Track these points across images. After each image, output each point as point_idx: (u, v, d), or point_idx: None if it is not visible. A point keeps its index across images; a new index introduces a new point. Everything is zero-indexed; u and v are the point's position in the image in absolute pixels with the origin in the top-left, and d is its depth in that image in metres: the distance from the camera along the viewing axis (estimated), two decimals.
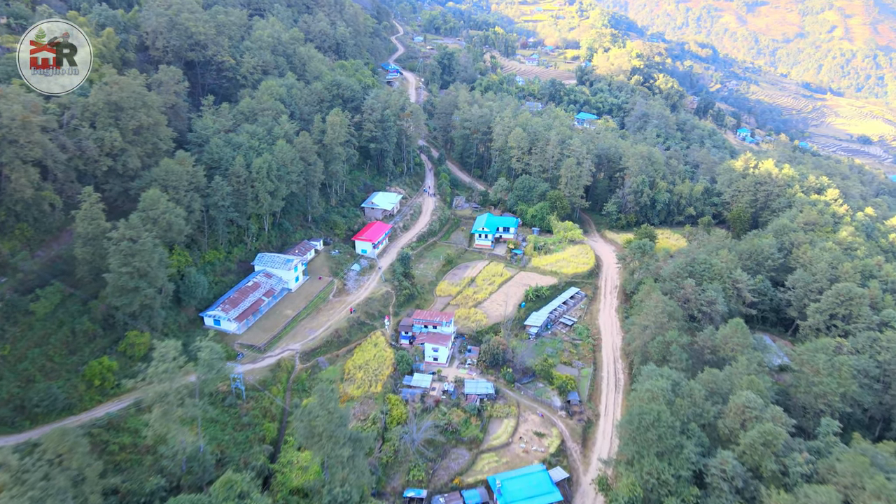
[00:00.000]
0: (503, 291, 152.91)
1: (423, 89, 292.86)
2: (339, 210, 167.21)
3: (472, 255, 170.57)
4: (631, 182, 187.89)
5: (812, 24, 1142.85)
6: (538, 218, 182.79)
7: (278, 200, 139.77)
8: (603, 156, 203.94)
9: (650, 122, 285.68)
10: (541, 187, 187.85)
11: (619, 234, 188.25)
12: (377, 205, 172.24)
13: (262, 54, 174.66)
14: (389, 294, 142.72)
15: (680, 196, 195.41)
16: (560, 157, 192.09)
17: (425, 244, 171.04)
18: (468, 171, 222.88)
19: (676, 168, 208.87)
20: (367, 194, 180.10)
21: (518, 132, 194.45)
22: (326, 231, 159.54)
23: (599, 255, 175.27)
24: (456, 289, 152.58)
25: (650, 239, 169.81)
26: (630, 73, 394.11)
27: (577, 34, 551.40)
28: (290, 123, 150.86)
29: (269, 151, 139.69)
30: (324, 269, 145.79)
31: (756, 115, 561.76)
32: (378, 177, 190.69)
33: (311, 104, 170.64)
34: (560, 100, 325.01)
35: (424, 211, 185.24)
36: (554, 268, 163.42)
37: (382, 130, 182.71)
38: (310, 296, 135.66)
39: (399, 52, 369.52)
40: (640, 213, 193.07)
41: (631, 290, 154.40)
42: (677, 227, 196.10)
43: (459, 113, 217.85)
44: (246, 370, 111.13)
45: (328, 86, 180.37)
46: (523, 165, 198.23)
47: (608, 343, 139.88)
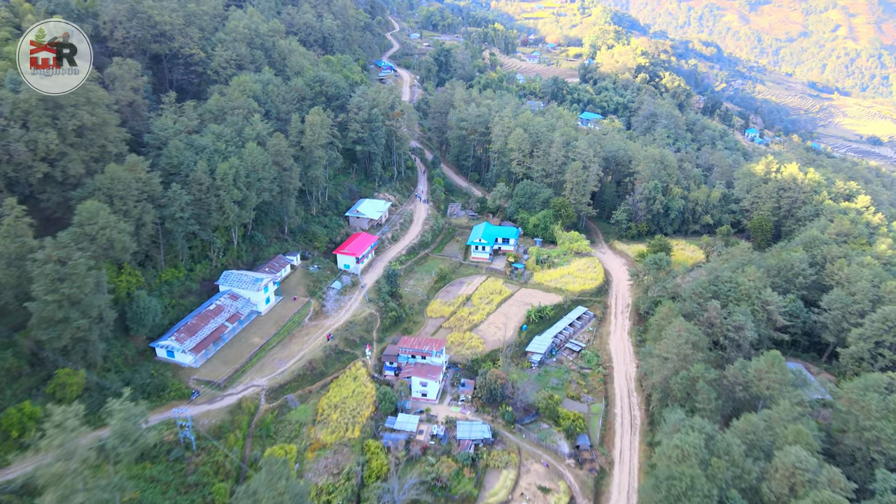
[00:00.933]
0: (502, 312, 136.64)
1: (418, 87, 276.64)
2: (319, 220, 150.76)
3: (467, 270, 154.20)
4: (642, 188, 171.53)
5: (816, 22, 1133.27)
6: (541, 227, 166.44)
7: (248, 211, 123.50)
8: (611, 159, 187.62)
9: (659, 122, 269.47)
10: (543, 194, 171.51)
11: (629, 244, 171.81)
12: (363, 214, 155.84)
13: (236, 47, 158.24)
14: (373, 316, 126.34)
15: (695, 203, 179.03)
16: (564, 161, 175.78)
17: (416, 257, 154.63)
18: (465, 175, 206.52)
19: (690, 172, 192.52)
20: (353, 202, 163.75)
21: (519, 133, 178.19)
22: (305, 244, 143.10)
23: (608, 269, 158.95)
24: (449, 309, 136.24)
25: (665, 251, 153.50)
26: (635, 72, 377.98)
27: (579, 31, 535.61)
28: (263, 124, 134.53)
29: (237, 155, 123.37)
30: (299, 288, 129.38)
31: (763, 115, 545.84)
32: (365, 182, 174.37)
33: (290, 102, 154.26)
34: (563, 99, 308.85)
35: (416, 220, 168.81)
36: (559, 284, 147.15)
37: (370, 131, 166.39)
38: (282, 320, 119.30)
39: (394, 48, 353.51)
40: (651, 221, 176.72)
41: (645, 309, 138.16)
42: (693, 236, 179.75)
43: (455, 112, 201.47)
44: (199, 413, 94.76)
45: (310, 82, 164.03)
46: (524, 169, 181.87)
47: (621, 372, 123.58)
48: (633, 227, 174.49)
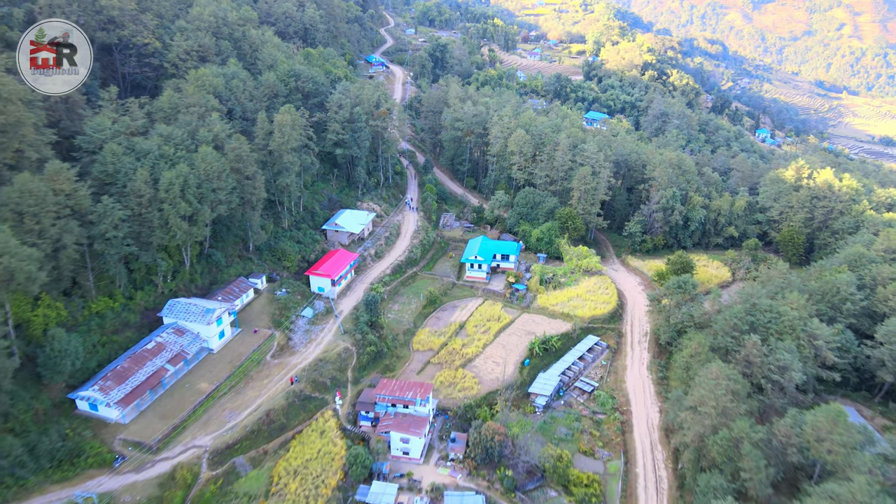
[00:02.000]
0: (501, 343, 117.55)
1: (411, 84, 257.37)
2: (292, 234, 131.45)
3: (461, 292, 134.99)
4: (658, 196, 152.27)
5: (820, 21, 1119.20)
6: (545, 242, 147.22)
7: (200, 227, 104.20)
8: (622, 163, 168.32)
9: (670, 123, 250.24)
10: (548, 203, 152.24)
11: (644, 260, 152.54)
12: (342, 227, 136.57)
13: (199, 37, 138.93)
14: (349, 352, 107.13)
15: (718, 213, 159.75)
16: (571, 166, 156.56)
17: (402, 277, 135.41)
18: (460, 181, 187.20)
19: (711, 178, 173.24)
20: (333, 212, 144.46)
21: (520, 135, 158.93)
22: (273, 263, 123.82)
23: (622, 289, 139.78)
24: (439, 340, 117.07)
25: (687, 270, 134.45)
26: (642, 69, 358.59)
27: (581, 28, 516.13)
28: (223, 124, 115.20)
29: (187, 161, 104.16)
30: (263, 318, 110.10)
31: (772, 114, 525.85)
32: (347, 190, 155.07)
33: (260, 100, 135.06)
34: (566, 97, 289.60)
35: (403, 233, 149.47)
36: (566, 308, 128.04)
37: (351, 133, 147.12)
38: (238, 358, 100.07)
39: (387, 44, 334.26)
40: (669, 234, 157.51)
41: (667, 339, 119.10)
42: (715, 250, 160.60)
43: (449, 111, 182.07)
44: (121, 487, 75.64)
45: (284, 77, 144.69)
46: (526, 175, 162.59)
47: (641, 418, 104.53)
48: (649, 241, 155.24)
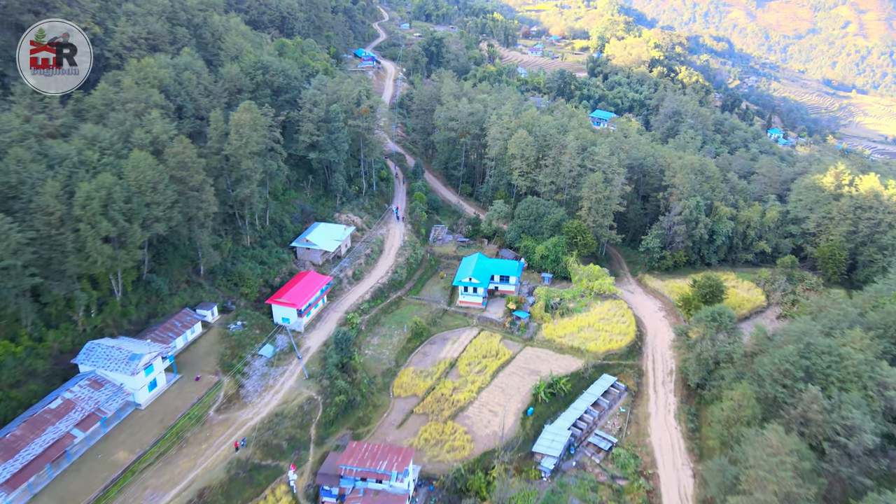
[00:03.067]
0: (499, 385, 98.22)
1: (403, 81, 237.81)
2: (255, 254, 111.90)
3: (453, 321, 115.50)
4: (681, 207, 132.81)
5: (825, 19, 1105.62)
6: (550, 259, 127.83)
7: (130, 251, 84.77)
8: (636, 168, 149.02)
9: (683, 122, 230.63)
10: (554, 215, 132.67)
11: (664, 280, 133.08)
12: (314, 244, 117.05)
13: (148, 22, 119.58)
14: (313, 403, 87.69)
15: (747, 225, 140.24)
16: (580, 172, 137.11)
17: (384, 303, 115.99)
18: (454, 188, 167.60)
19: (737, 185, 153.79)
20: (307, 225, 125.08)
21: (521, 136, 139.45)
22: (228, 289, 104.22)
23: (640, 316, 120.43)
24: (425, 383, 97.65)
25: (717, 294, 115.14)
26: (649, 65, 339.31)
27: (584, 24, 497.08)
28: (165, 123, 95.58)
29: (113, 170, 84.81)
30: (210, 359, 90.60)
31: (782, 114, 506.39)
32: (324, 199, 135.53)
33: (218, 95, 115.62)
34: (570, 94, 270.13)
35: (387, 249, 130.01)
36: (576, 341, 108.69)
37: (328, 134, 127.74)
38: (172, 415, 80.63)
39: (380, 38, 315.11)
40: (691, 249, 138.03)
41: (698, 380, 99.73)
42: (744, 267, 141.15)
43: (443, 109, 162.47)
44: None
45: (249, 69, 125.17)
46: (528, 182, 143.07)
47: (671, 484, 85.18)
48: (669, 257, 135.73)
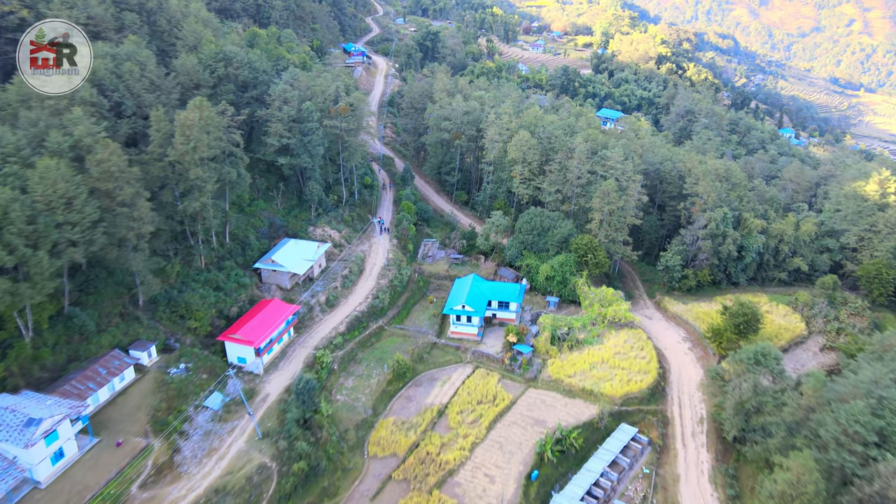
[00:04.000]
0: (497, 439, 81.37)
1: (395, 77, 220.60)
2: (208, 278, 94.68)
3: (443, 356, 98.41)
4: (706, 219, 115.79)
5: (829, 17, 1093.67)
6: (556, 281, 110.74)
7: (38, 282, 67.74)
8: (652, 174, 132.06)
9: (697, 122, 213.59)
10: (560, 229, 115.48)
11: (686, 303, 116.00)
12: (281, 265, 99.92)
13: (88, 5, 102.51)
14: (266, 472, 70.57)
15: (780, 239, 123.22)
16: (590, 180, 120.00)
17: (362, 334, 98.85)
18: (447, 195, 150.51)
19: (765, 192, 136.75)
20: (275, 242, 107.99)
21: (523, 138, 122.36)
22: (172, 323, 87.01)
23: (661, 347, 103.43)
24: (407, 438, 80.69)
25: (753, 324, 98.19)
26: (657, 62, 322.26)
27: (587, 19, 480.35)
28: (90, 123, 78.38)
29: (14, 182, 67.83)
30: (139, 416, 73.51)
31: (791, 113, 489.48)
32: (297, 211, 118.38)
33: (168, 91, 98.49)
34: (575, 92, 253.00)
35: (368, 268, 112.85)
36: (588, 381, 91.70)
37: (300, 135, 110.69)
38: (80, 496, 63.47)
39: (373, 33, 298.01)
40: (717, 267, 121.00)
41: (736, 433, 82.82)
42: (776, 287, 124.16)
43: (435, 107, 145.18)
44: None
45: (209, 61, 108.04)
46: (531, 191, 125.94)
47: None
48: (691, 276, 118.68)
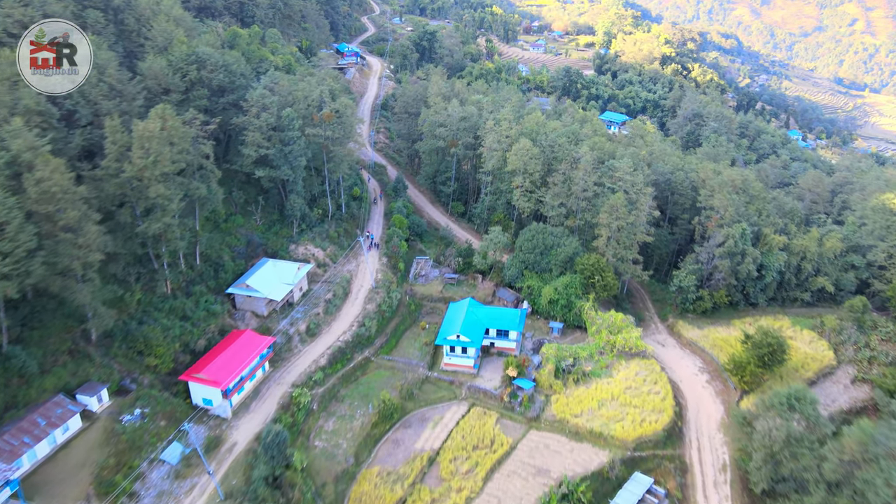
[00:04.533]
0: (494, 493, 71.76)
1: (390, 79, 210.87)
2: (174, 306, 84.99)
3: (435, 391, 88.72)
4: (723, 235, 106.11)
5: (831, 17, 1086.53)
6: (561, 304, 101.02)
7: None
8: (663, 185, 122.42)
9: (706, 125, 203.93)
10: (565, 247, 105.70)
11: (702, 328, 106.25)
12: (256, 290, 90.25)
13: (45, 2, 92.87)
14: None
15: (802, 256, 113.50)
16: (597, 193, 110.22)
17: (346, 367, 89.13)
18: (443, 206, 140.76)
19: (784, 204, 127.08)
20: (252, 262, 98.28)
21: (524, 147, 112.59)
22: (128, 361, 77.20)
23: (676, 380, 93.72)
24: (393, 493, 71.03)
25: (779, 354, 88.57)
26: (661, 62, 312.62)
27: (588, 19, 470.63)
28: (32, 136, 68.67)
29: None
30: (82, 475, 63.69)
31: (796, 114, 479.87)
32: (278, 227, 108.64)
33: (131, 98, 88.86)
34: (577, 94, 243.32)
35: (355, 291, 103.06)
36: (596, 422, 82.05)
37: (280, 145, 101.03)
38: None
39: (368, 32, 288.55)
40: (735, 287, 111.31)
41: (766, 485, 73.20)
42: (798, 308, 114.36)
43: (429, 112, 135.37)
44: None
45: (181, 63, 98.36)
46: (533, 204, 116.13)
47: None
48: (707, 297, 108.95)
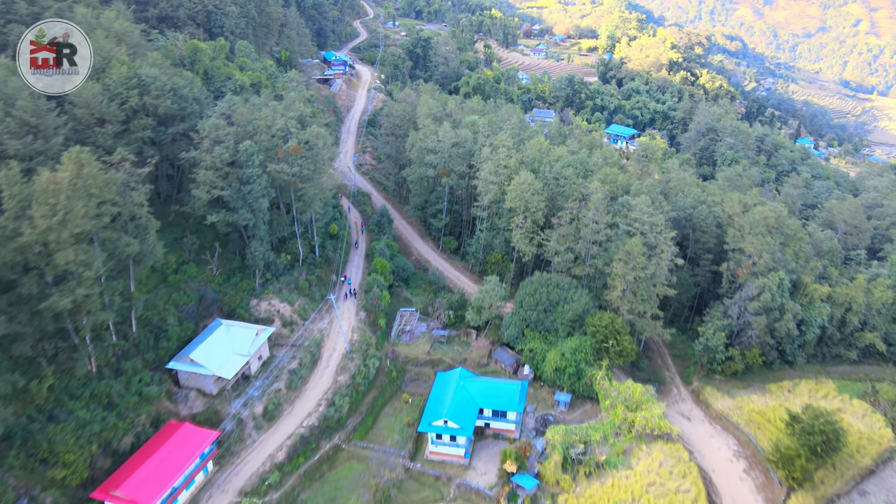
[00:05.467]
0: None
1: (380, 90, 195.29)
2: (96, 391, 69.51)
3: (418, 490, 72.98)
4: (757, 287, 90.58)
5: (834, 17, 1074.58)
6: (568, 373, 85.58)
7: None
8: (683, 222, 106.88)
9: (721, 141, 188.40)
10: (574, 303, 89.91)
11: (733, 394, 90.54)
12: (202, 365, 74.68)
13: None
14: None
15: (847, 308, 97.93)
16: (610, 236, 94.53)
17: (310, 461, 73.41)
18: (434, 240, 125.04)
19: (821, 243, 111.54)
20: (206, 323, 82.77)
21: (525, 181, 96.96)
22: (28, 473, 61.51)
23: (707, 467, 78.12)
24: None
25: (832, 443, 73.18)
26: (669, 68, 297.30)
27: (591, 21, 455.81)
28: None
29: None
30: None
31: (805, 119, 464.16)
32: (238, 278, 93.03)
33: (50, 136, 73.48)
34: (581, 105, 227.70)
35: (326, 356, 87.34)
36: None
37: (238, 184, 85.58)
38: None
39: (360, 38, 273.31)
40: (770, 345, 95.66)
41: None
42: (846, 368, 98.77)
43: (417, 136, 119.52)
44: None
45: (118, 88, 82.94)
46: (535, 248, 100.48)
47: None
48: (738, 359, 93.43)
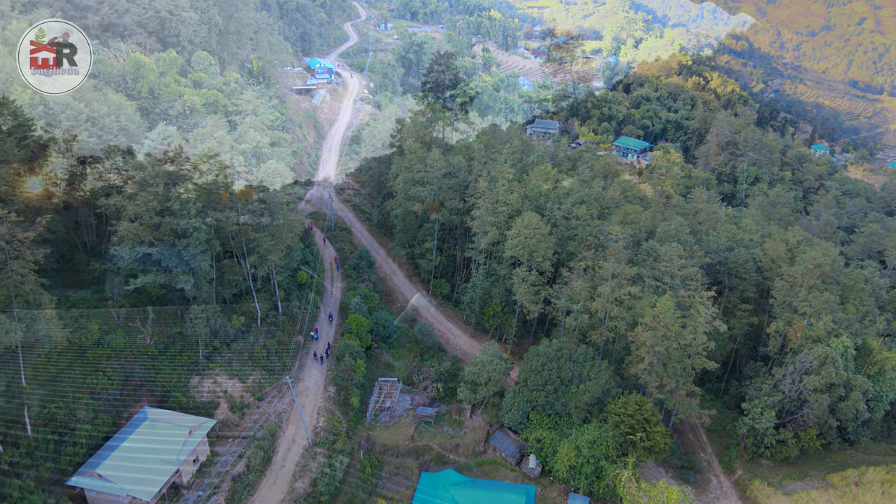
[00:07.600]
0: None
1: (367, 101, 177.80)
2: None
3: None
4: (815, 358, 73.40)
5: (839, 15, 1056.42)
6: (586, 472, 68.33)
7: None
8: (717, 266, 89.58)
9: (743, 155, 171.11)
10: (591, 384, 72.52)
11: (787, 488, 73.32)
12: (111, 484, 57.49)
13: None
14: None
15: None
16: (633, 294, 77.20)
17: None
18: (423, 283, 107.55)
19: (878, 291, 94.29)
20: (129, 414, 65.58)
21: (529, 224, 79.73)
22: None
23: None
24: None
25: None
26: (678, 72, 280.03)
27: (594, 22, 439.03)
28: None
29: None
30: None
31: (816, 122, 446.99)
32: (178, 348, 75.58)
33: None
34: (587, 114, 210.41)
35: (281, 452, 69.60)
36: None
37: (173, 238, 68.37)
38: None
39: (350, 42, 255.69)
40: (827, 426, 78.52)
41: None
42: None
43: (403, 164, 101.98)
44: None
45: (18, 118, 65.68)
46: (540, 304, 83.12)
47: None
48: (792, 443, 76.26)
